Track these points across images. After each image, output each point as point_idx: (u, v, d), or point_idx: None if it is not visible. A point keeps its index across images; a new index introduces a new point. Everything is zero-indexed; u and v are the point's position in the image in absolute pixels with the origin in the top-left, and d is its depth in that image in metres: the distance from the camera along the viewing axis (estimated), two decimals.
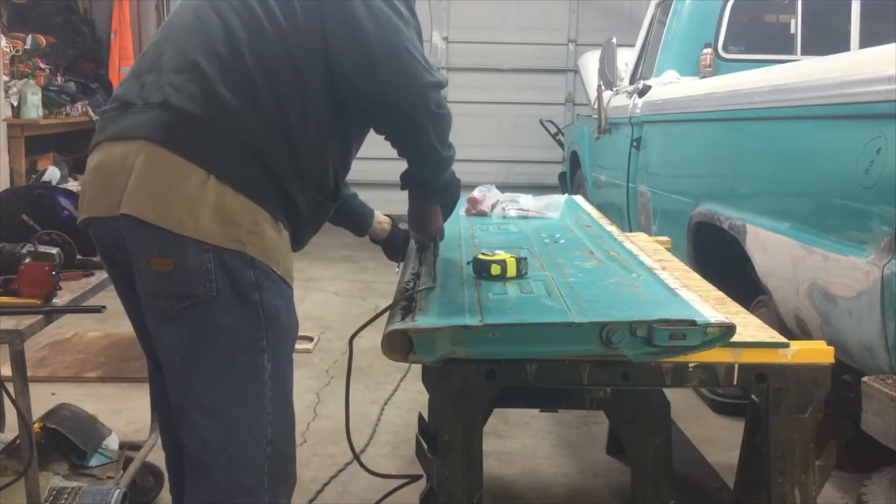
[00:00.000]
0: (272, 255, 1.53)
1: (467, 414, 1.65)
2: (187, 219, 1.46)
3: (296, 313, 1.65)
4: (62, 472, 2.32)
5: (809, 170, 2.45)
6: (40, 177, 3.71)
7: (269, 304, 1.53)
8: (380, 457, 2.90)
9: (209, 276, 1.47)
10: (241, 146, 1.51)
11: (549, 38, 8.77)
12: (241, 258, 1.49)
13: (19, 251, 1.89)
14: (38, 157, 6.95)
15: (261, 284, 1.51)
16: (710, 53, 3.91)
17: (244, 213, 1.50)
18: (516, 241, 2.38)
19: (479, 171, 8.37)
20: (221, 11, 1.58)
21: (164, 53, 1.58)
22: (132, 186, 1.48)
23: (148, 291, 1.53)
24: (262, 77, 1.53)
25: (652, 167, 4.02)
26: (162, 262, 1.47)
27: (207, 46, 1.55)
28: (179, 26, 1.62)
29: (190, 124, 1.50)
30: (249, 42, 1.54)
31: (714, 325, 1.55)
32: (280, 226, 1.56)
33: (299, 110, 1.56)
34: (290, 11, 1.57)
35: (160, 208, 1.47)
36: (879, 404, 1.78)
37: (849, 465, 2.68)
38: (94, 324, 4.32)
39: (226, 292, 1.49)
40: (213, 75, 1.51)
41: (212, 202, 1.47)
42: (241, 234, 1.49)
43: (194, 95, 1.51)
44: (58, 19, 7.96)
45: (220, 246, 1.48)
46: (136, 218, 1.48)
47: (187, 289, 1.48)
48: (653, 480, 1.80)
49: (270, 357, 1.54)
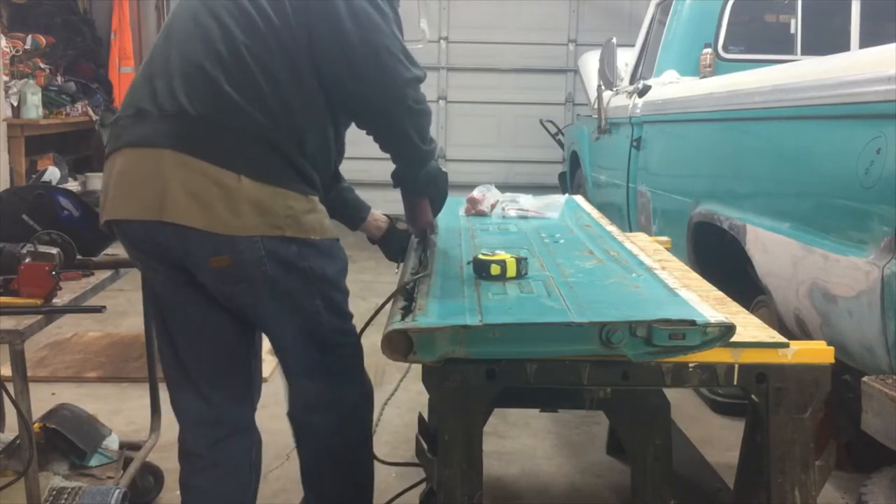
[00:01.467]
0: (308, 228, 1.75)
1: (467, 414, 1.65)
2: (232, 219, 1.66)
3: (341, 254, 1.88)
4: (62, 472, 2.32)
5: (809, 170, 2.45)
6: (40, 177, 3.71)
7: (315, 266, 1.78)
8: (380, 456, 2.89)
9: (262, 262, 1.71)
10: (257, 141, 1.68)
11: (549, 38, 8.76)
12: (282, 240, 1.71)
13: (19, 251, 1.89)
14: (38, 157, 6.94)
15: (303, 253, 1.76)
16: (710, 53, 3.91)
17: (277, 200, 1.70)
18: (516, 241, 2.38)
19: (479, 171, 8.37)
20: (217, 14, 1.71)
21: (170, 58, 1.72)
22: (172, 196, 1.65)
23: (211, 282, 1.77)
24: (262, 73, 1.68)
25: (652, 167, 4.02)
26: (219, 259, 1.70)
27: (209, 49, 1.69)
28: (180, 31, 1.76)
29: (209, 129, 1.67)
30: (246, 41, 1.69)
31: (714, 325, 1.55)
32: (310, 198, 1.77)
33: (300, 99, 1.72)
34: (281, 10, 1.70)
35: (205, 214, 1.65)
36: (879, 404, 1.78)
37: (849, 465, 2.68)
38: (94, 324, 4.31)
39: (279, 268, 1.73)
40: (218, 77, 1.66)
41: (248, 199, 1.66)
42: (278, 221, 1.70)
43: (205, 99, 1.66)
44: (58, 19, 7.95)
45: (264, 235, 1.69)
46: (183, 226, 1.66)
47: (246, 275, 1.72)
48: (653, 480, 1.80)
49: (321, 297, 1.83)
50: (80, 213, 2.18)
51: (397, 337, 1.54)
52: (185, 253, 1.71)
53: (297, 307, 1.82)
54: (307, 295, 1.81)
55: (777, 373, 1.65)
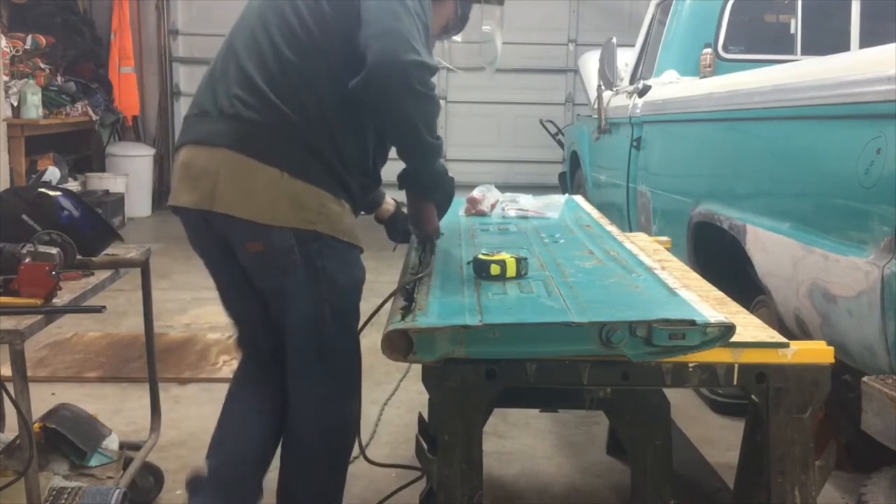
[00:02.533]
0: (337, 227, 1.91)
1: (467, 414, 1.65)
2: (269, 210, 1.86)
3: (360, 267, 2.02)
4: (62, 472, 2.32)
5: (809, 170, 2.45)
6: (40, 177, 3.71)
7: (329, 269, 1.92)
8: (380, 457, 2.89)
9: (292, 251, 1.88)
10: (298, 144, 1.87)
11: (549, 38, 8.77)
12: (312, 234, 1.88)
13: (19, 251, 1.88)
14: (38, 157, 6.95)
15: (323, 253, 1.90)
16: (710, 53, 3.91)
17: (312, 198, 1.87)
18: (516, 241, 2.38)
19: (479, 171, 8.37)
20: (270, 31, 1.91)
21: (230, 68, 1.93)
22: (222, 188, 1.87)
23: (247, 265, 1.98)
24: (304, 86, 1.87)
25: (652, 167, 4.02)
26: (254, 245, 1.90)
27: (261, 65, 1.90)
28: (240, 44, 1.96)
29: (258, 132, 1.86)
30: (292, 58, 1.88)
31: (714, 325, 1.55)
32: (342, 201, 1.93)
33: (338, 109, 1.88)
34: (320, 20, 1.88)
35: (248, 205, 1.86)
36: (879, 404, 1.78)
37: (849, 465, 2.68)
38: (94, 324, 4.31)
39: (299, 262, 1.89)
40: (266, 89, 1.87)
41: (287, 194, 1.86)
42: (310, 216, 1.87)
43: (256, 108, 1.87)
44: (58, 19, 7.96)
45: (296, 227, 1.87)
46: (230, 215, 1.87)
47: (277, 262, 1.90)
48: (653, 480, 1.80)
49: (330, 306, 1.95)
50: (80, 213, 2.17)
51: (397, 337, 1.55)
52: (230, 237, 1.94)
53: (306, 307, 1.95)
54: (316, 297, 1.93)
55: (777, 373, 1.65)
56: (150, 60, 8.96)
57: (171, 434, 3.01)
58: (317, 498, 2.09)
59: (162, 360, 3.45)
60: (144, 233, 7.37)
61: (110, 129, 8.38)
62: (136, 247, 2.39)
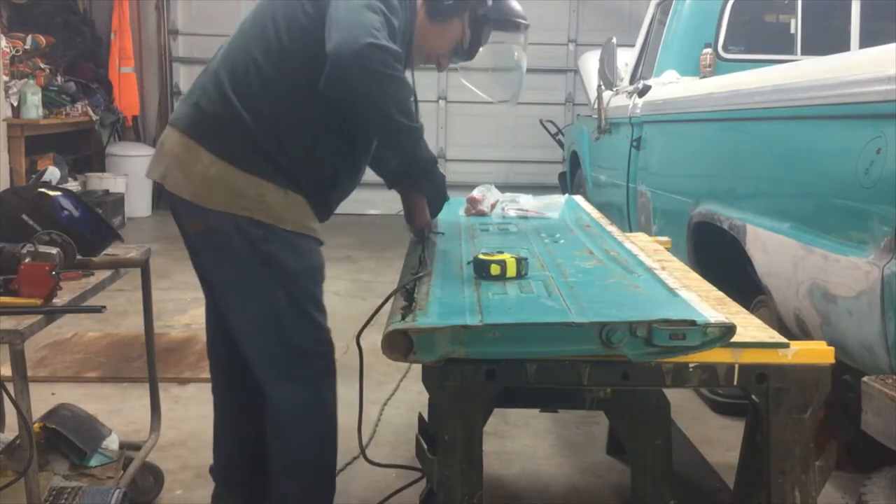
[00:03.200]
0: (279, 216, 1.94)
1: (467, 414, 1.65)
2: (206, 193, 1.93)
3: (314, 256, 2.03)
4: (62, 472, 2.32)
5: (809, 170, 2.45)
6: (40, 177, 3.70)
7: (276, 254, 1.95)
8: (380, 457, 2.89)
9: (231, 234, 1.93)
10: (242, 137, 1.92)
11: (549, 38, 8.76)
12: (250, 221, 1.92)
13: (19, 251, 1.88)
14: (38, 157, 6.95)
15: (268, 239, 1.93)
16: (710, 53, 3.91)
17: (250, 186, 1.92)
18: (516, 241, 2.38)
19: (479, 171, 8.38)
20: (248, 34, 1.99)
21: (213, 62, 2.03)
22: (172, 168, 1.97)
23: (192, 247, 2.08)
24: (263, 86, 1.93)
25: (652, 167, 4.02)
26: (197, 224, 1.98)
27: (229, 62, 1.98)
28: (228, 45, 2.04)
29: (207, 120, 1.95)
30: (258, 59, 1.94)
31: (714, 325, 1.55)
32: (288, 191, 1.95)
33: (293, 113, 1.93)
34: (295, 28, 1.93)
35: (188, 186, 1.95)
36: (879, 404, 1.78)
37: (849, 465, 2.68)
38: (94, 324, 4.31)
39: (244, 245, 1.93)
40: (226, 84, 1.95)
41: (224, 180, 1.92)
42: (248, 203, 1.92)
43: (213, 99, 1.96)
44: (58, 19, 7.96)
45: (233, 213, 1.91)
46: (176, 195, 1.97)
47: (216, 243, 1.97)
48: (653, 480, 1.80)
49: (284, 289, 1.96)
50: (80, 213, 2.17)
51: (397, 337, 1.55)
52: (179, 217, 2.04)
53: (258, 293, 1.98)
54: (268, 282, 1.96)
55: (777, 373, 1.65)
56: (150, 60, 8.96)
57: (171, 434, 3.01)
58: (306, 500, 2.10)
59: (162, 360, 3.46)
60: (144, 233, 7.37)
61: (110, 129, 8.39)
62: (136, 247, 2.39)
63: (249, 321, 2.02)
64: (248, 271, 1.96)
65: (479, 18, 2.12)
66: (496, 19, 2.16)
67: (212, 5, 8.62)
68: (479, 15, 2.12)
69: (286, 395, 2.03)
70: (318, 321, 2.04)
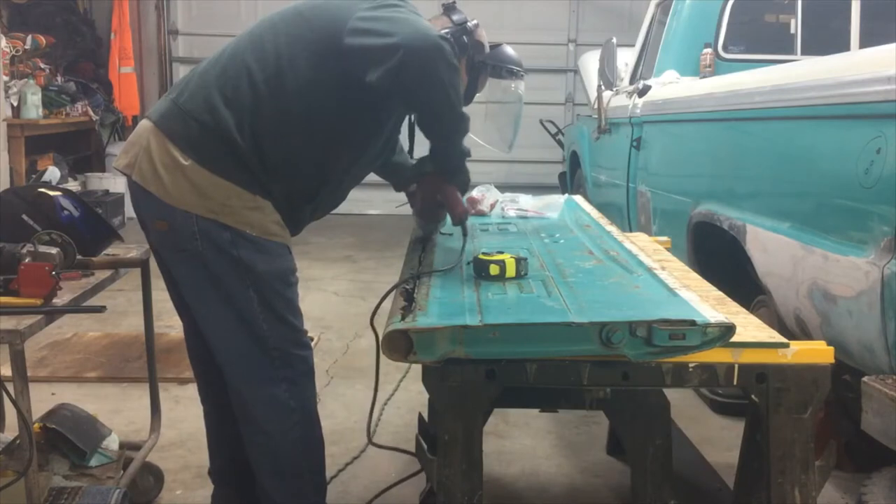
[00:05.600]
0: (246, 222, 1.91)
1: (467, 414, 1.65)
2: (173, 191, 1.89)
3: (284, 259, 1.99)
4: (62, 472, 2.32)
5: (809, 170, 2.45)
6: (40, 177, 3.71)
7: (246, 258, 1.91)
8: (380, 456, 2.90)
9: (195, 236, 1.90)
10: (219, 141, 1.90)
11: (549, 38, 8.76)
12: (217, 224, 1.89)
13: (19, 251, 1.88)
14: (38, 157, 6.95)
15: (237, 243, 1.91)
16: (710, 53, 3.91)
17: (217, 190, 1.89)
18: (516, 241, 2.38)
19: (479, 171, 8.30)
20: (246, 44, 1.98)
21: (210, 71, 1.98)
22: (142, 159, 1.93)
23: (155, 243, 2.04)
24: (252, 99, 1.91)
25: (652, 167, 4.02)
26: (160, 223, 1.94)
27: (218, 65, 1.97)
28: (224, 51, 2.02)
29: (184, 119, 1.92)
30: (253, 67, 1.92)
31: (714, 325, 1.55)
32: (258, 199, 1.92)
33: (275, 129, 1.92)
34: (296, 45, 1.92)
35: (155, 181, 1.91)
36: (879, 404, 1.78)
37: (849, 465, 2.68)
38: (94, 324, 4.32)
39: (210, 248, 1.90)
40: (213, 87, 1.93)
41: (191, 179, 1.89)
42: (213, 206, 1.89)
43: (196, 98, 1.93)
44: (58, 19, 7.96)
45: (199, 214, 1.89)
46: (143, 187, 1.92)
47: (180, 244, 1.92)
48: (653, 480, 1.80)
49: (256, 291, 1.93)
50: (80, 213, 2.18)
51: (397, 337, 1.55)
52: (142, 210, 1.99)
53: (230, 297, 1.94)
54: (239, 285, 1.93)
55: (777, 373, 1.65)
56: (150, 60, 8.96)
57: (171, 434, 3.01)
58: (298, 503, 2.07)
59: (162, 360, 3.46)
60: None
61: (110, 129, 8.39)
62: (136, 247, 2.39)
63: (222, 326, 1.98)
64: (216, 275, 1.92)
65: (477, 65, 2.17)
66: (493, 66, 2.21)
67: (212, 5, 8.62)
68: (477, 62, 2.17)
69: (265, 398, 2.00)
70: (294, 324, 2.01)
